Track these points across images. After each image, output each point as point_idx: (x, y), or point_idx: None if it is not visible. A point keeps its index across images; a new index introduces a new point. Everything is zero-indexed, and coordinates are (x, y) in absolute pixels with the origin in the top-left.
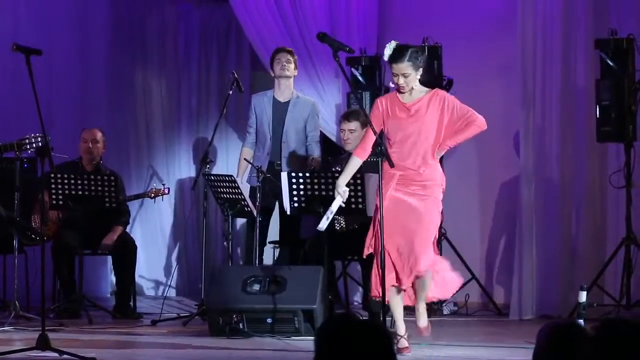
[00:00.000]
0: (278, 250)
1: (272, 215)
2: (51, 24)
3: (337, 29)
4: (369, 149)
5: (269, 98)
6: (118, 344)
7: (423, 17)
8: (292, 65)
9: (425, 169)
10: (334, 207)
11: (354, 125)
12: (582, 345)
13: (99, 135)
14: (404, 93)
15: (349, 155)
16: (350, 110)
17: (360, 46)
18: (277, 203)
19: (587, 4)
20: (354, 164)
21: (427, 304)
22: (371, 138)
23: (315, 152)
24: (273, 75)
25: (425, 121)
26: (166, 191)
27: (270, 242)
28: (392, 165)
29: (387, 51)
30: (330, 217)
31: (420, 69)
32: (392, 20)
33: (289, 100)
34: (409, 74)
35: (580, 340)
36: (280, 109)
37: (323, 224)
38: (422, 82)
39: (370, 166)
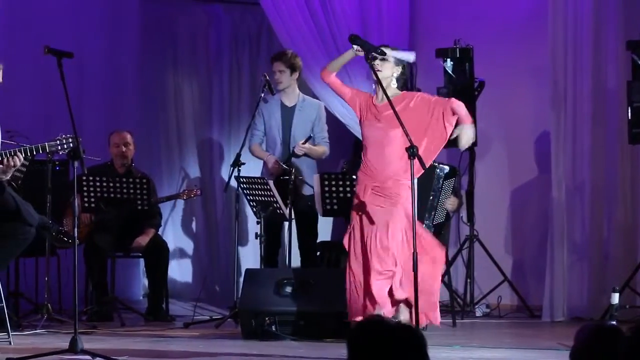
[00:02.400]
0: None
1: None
2: (82, 28)
3: (369, 31)
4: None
5: (276, 102)
6: (150, 347)
7: (454, 18)
8: (287, 74)
9: None
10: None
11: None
12: (623, 347)
13: (129, 137)
14: None
15: None
16: None
17: None
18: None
19: (617, 4)
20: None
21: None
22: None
23: (326, 152)
24: None
25: None
26: (198, 192)
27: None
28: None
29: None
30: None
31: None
32: (424, 22)
33: (295, 104)
34: None
35: (621, 342)
36: (287, 113)
37: None
38: (453, 83)
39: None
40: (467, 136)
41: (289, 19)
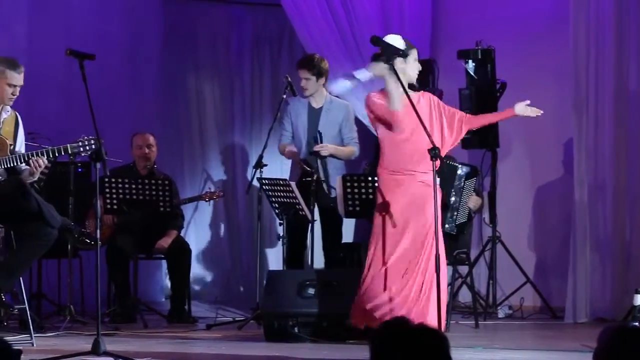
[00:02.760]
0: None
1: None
2: (104, 29)
3: (391, 32)
4: None
5: (303, 104)
6: (173, 348)
7: (476, 19)
8: (312, 81)
9: None
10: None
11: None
12: None
13: (152, 139)
14: None
15: None
16: None
17: None
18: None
19: (639, 5)
20: None
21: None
22: None
23: (356, 153)
24: None
25: None
26: (221, 194)
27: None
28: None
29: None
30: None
31: None
32: (446, 23)
33: (322, 106)
34: None
35: None
36: (314, 115)
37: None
38: (475, 85)
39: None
40: None
41: (310, 20)
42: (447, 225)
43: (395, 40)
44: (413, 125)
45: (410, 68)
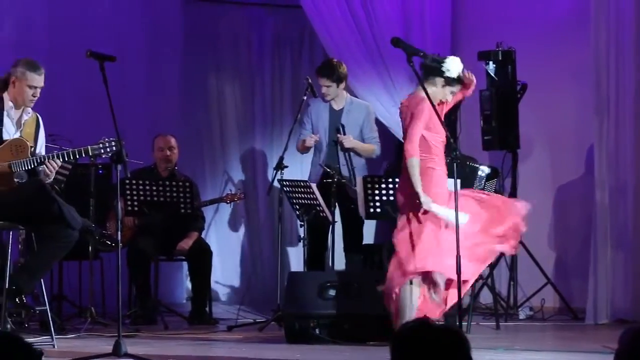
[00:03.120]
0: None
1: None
2: (124, 31)
3: (411, 34)
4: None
5: (324, 105)
6: (194, 350)
7: (496, 21)
8: (333, 87)
9: None
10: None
11: None
12: None
13: (173, 141)
14: None
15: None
16: None
17: (434, 51)
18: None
19: None
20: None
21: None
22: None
23: (377, 151)
24: None
25: None
26: (242, 196)
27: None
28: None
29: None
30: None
31: None
32: (466, 25)
33: (343, 107)
34: None
35: None
36: (335, 116)
37: None
38: (496, 86)
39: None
40: None
41: (331, 22)
42: None
43: (455, 62)
44: None
45: (441, 90)
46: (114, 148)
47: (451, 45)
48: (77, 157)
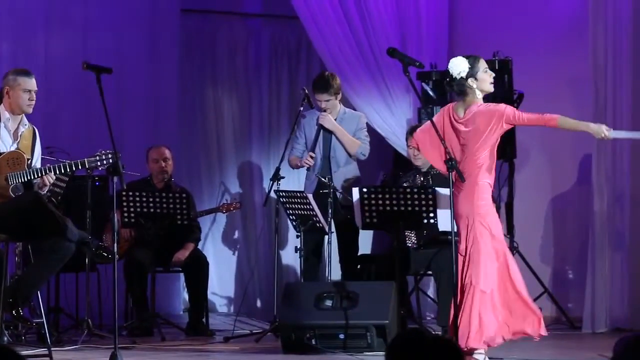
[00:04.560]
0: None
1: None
2: (121, 42)
3: (408, 44)
4: None
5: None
6: None
7: (493, 30)
8: (332, 100)
9: None
10: None
11: None
12: None
13: (168, 152)
14: None
15: (418, 170)
16: (415, 125)
17: (431, 61)
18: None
19: None
20: None
21: None
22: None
23: (362, 148)
24: None
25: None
26: (238, 205)
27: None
28: (463, 179)
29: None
30: None
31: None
32: (463, 34)
33: (336, 118)
34: None
35: None
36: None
37: None
38: (492, 95)
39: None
40: None
41: (328, 32)
42: None
43: (460, 62)
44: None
45: (480, 83)
46: (110, 160)
47: (448, 55)
48: (74, 169)
